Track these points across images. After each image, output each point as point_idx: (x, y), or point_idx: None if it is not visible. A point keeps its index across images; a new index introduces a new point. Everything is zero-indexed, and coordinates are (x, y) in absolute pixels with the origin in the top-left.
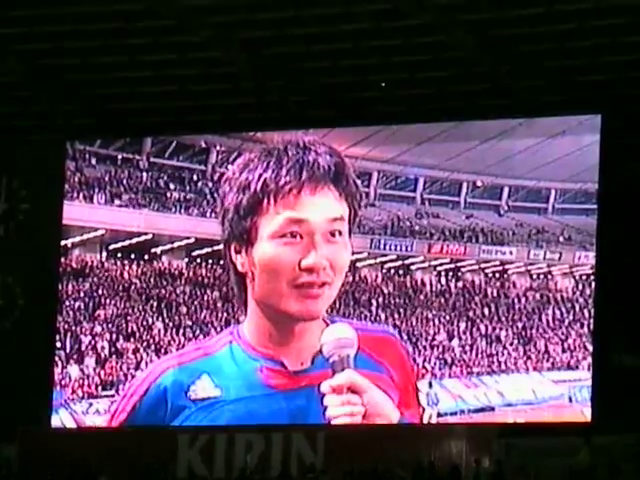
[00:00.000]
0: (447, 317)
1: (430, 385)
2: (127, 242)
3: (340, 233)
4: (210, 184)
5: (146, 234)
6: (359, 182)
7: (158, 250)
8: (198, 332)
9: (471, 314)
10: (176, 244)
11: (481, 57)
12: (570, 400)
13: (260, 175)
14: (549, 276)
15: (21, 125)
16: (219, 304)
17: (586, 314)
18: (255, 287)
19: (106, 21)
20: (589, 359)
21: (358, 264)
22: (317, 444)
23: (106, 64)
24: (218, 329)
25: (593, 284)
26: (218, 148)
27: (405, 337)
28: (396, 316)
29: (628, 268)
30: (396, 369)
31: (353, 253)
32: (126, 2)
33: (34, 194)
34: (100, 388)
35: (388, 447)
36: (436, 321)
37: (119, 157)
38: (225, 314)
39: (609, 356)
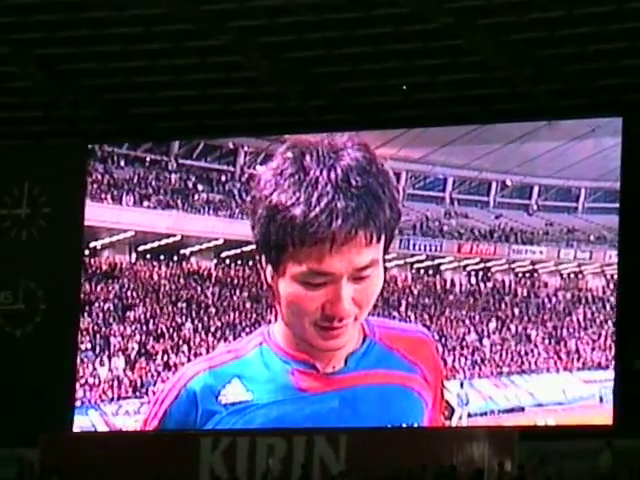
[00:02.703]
0: (477, 317)
1: (461, 385)
2: (156, 244)
3: (369, 274)
4: (238, 185)
5: (175, 235)
6: (399, 206)
7: (187, 251)
8: (228, 333)
9: (501, 314)
10: (205, 245)
11: (500, 61)
12: (601, 400)
13: (289, 207)
14: (579, 275)
15: (41, 130)
16: (248, 305)
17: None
18: (282, 310)
19: (126, 26)
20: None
21: (387, 264)
22: (339, 448)
23: (127, 69)
24: (247, 330)
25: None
26: (246, 149)
27: (435, 337)
28: (425, 316)
29: None
30: (430, 370)
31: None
32: (147, 7)
33: (55, 199)
34: (130, 390)
35: (410, 450)
36: (466, 321)
37: (147, 159)
38: (255, 315)
39: (632, 359)
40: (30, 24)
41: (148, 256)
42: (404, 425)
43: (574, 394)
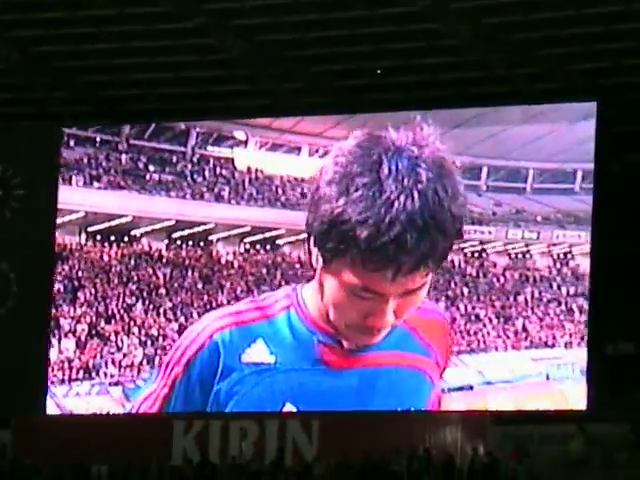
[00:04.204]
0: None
1: None
2: (107, 224)
3: (418, 292)
4: (190, 166)
5: (125, 216)
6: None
7: (138, 232)
8: (179, 314)
9: (450, 293)
10: (156, 226)
11: (475, 45)
12: (547, 378)
13: (356, 225)
14: (527, 255)
15: (14, 112)
16: (199, 286)
17: (563, 292)
18: (323, 298)
19: (100, 8)
20: (566, 338)
21: None
22: (312, 431)
23: (100, 51)
24: (200, 312)
25: (571, 263)
26: (198, 130)
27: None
28: None
29: (623, 256)
30: (441, 353)
31: None
32: None
33: (28, 181)
34: (81, 372)
35: (383, 434)
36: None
37: (97, 139)
38: (206, 295)
39: (604, 344)
40: (2, 6)
41: (98, 237)
42: (412, 408)
43: (522, 372)
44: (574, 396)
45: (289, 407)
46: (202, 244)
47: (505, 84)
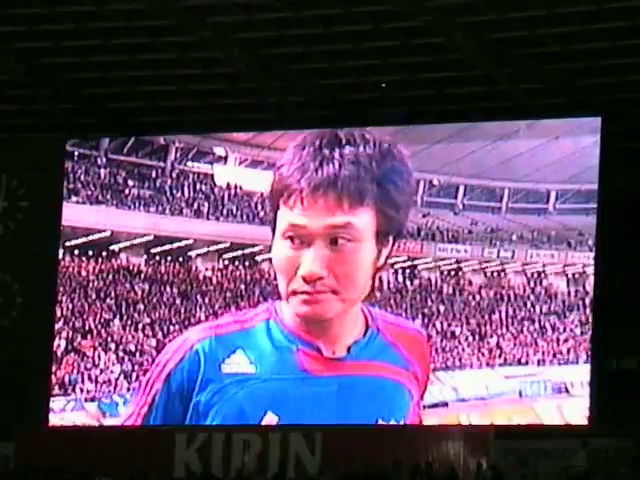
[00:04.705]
0: (403, 314)
1: None
2: (85, 239)
3: (347, 240)
4: (169, 181)
5: (104, 231)
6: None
7: (116, 247)
8: (157, 329)
9: (427, 311)
10: (135, 241)
11: (480, 60)
12: (520, 395)
13: (293, 183)
14: (502, 274)
15: (19, 124)
16: (177, 301)
17: (537, 310)
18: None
19: (106, 20)
20: (539, 355)
21: None
22: (315, 444)
23: (105, 63)
24: (178, 327)
25: (544, 282)
26: (177, 145)
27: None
28: None
29: (626, 271)
30: (420, 367)
31: None
32: (126, 2)
33: (33, 192)
34: (57, 387)
35: (386, 448)
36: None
37: (75, 153)
38: (184, 311)
39: (607, 359)
40: (9, 17)
41: (76, 252)
42: (393, 420)
43: (495, 389)
44: (546, 413)
45: (270, 416)
46: (181, 260)
47: (510, 99)
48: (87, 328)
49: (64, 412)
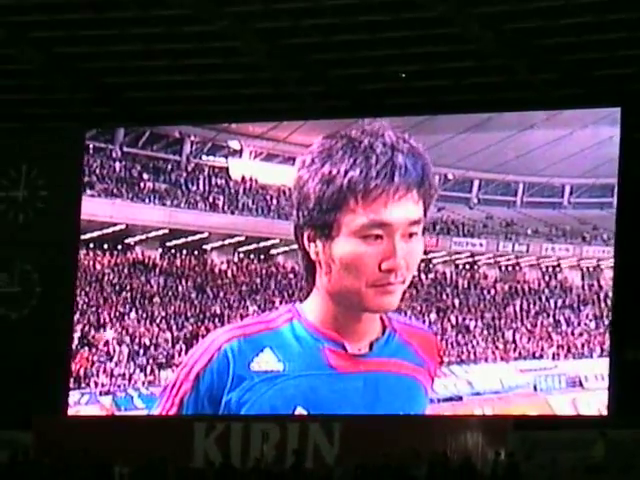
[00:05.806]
0: (418, 308)
1: None
2: (100, 232)
3: (417, 234)
4: (184, 174)
5: (119, 224)
6: (435, 182)
7: (132, 241)
8: (172, 323)
9: (441, 305)
10: (150, 234)
11: (498, 50)
12: (535, 389)
13: (347, 171)
14: (517, 268)
15: (39, 113)
16: (193, 295)
17: (552, 304)
18: (331, 280)
19: (124, 9)
20: (554, 349)
21: None
22: (334, 434)
23: (124, 52)
24: (193, 321)
25: (559, 276)
26: (192, 138)
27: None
28: None
29: None
30: (433, 367)
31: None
32: None
33: (52, 182)
34: (71, 380)
35: (404, 438)
36: (407, 312)
37: (91, 146)
38: (200, 305)
39: (625, 350)
40: (28, 7)
41: (91, 245)
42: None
43: (510, 383)
44: (561, 407)
45: (300, 411)
46: (196, 253)
47: (528, 89)
48: (102, 321)
49: (79, 405)
